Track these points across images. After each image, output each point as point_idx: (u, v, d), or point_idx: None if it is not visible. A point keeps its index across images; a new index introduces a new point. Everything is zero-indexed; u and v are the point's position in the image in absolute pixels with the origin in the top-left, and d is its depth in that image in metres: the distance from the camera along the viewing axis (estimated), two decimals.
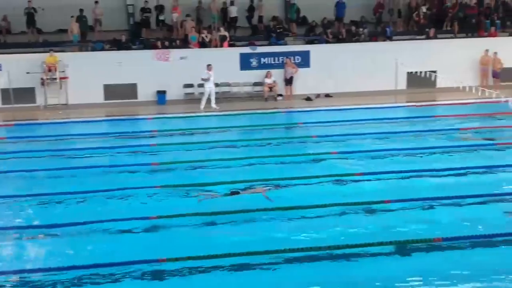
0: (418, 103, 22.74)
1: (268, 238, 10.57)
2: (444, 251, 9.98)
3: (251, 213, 11.59)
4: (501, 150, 16.01)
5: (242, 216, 11.54)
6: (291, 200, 12.26)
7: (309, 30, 26.88)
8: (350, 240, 10.13)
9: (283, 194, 12.79)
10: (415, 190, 12.68)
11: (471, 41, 26.16)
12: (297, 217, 11.54)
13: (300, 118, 20.80)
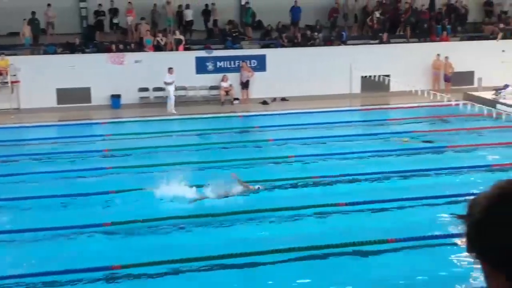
0: (371, 106, 23.05)
1: (224, 242, 10.55)
2: (398, 252, 10.13)
3: (204, 218, 11.56)
4: (452, 152, 16.35)
5: (200, 220, 11.51)
6: (247, 203, 12.27)
7: (264, 34, 26.97)
8: (304, 243, 10.17)
9: (239, 198, 12.78)
10: (367, 192, 12.83)
11: (423, 46, 26.66)
12: (253, 220, 11.56)
13: (256, 122, 20.84)
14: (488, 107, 20.01)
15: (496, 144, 16.84)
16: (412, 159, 15.62)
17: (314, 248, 10.03)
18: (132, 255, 9.95)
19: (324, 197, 12.61)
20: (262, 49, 25.96)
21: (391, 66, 24.74)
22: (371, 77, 23.61)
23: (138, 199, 12.69)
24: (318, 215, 11.88)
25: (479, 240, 1.35)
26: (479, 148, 16.57)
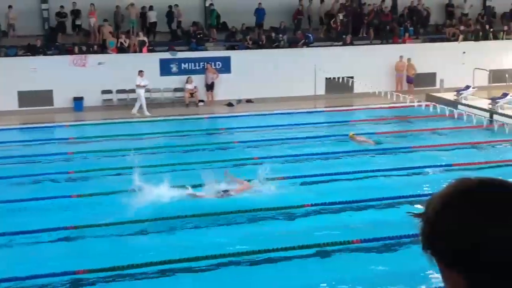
0: (336, 108, 23.22)
1: (193, 244, 10.49)
2: (361, 253, 10.22)
3: (174, 220, 11.48)
4: (415, 152, 16.56)
5: (164, 223, 11.42)
6: (214, 205, 12.22)
7: (229, 36, 26.95)
8: (271, 245, 10.17)
9: (207, 200, 12.72)
10: (332, 193, 12.91)
11: (386, 48, 26.97)
12: (219, 223, 11.53)
13: (222, 124, 20.80)
14: (450, 108, 20.34)
15: (458, 144, 17.14)
16: (375, 160, 15.78)
17: (280, 249, 10.04)
18: (96, 259, 9.81)
19: (289, 199, 12.64)
20: (227, 51, 25.94)
21: (355, 67, 24.96)
22: (335, 78, 23.78)
23: (101, 203, 12.53)
24: (284, 217, 11.92)
25: (433, 239, 1.35)
26: (441, 148, 16.83)
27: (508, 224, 1.28)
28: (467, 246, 1.29)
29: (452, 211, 1.33)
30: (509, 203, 1.31)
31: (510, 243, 1.27)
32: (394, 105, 22.14)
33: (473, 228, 1.29)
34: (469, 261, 1.30)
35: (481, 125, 19.10)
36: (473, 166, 15.00)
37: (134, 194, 12.65)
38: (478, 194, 1.33)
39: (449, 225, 1.32)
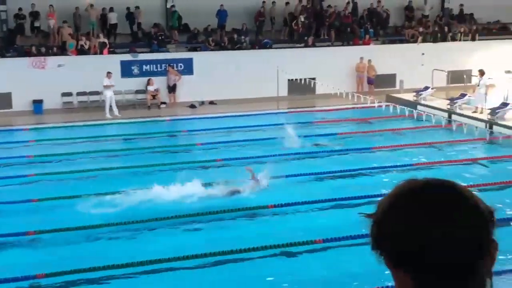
0: (298, 109, 23.36)
1: (158, 247, 10.44)
2: (325, 252, 10.31)
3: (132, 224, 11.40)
4: (376, 152, 16.77)
5: (126, 227, 11.33)
6: (175, 208, 12.17)
7: (191, 38, 26.87)
8: (235, 245, 10.19)
9: (167, 202, 12.65)
10: (295, 193, 12.99)
11: (347, 49, 27.25)
12: (183, 225, 11.49)
13: (184, 126, 20.71)
14: (410, 109, 20.65)
15: (417, 144, 17.42)
16: (338, 160, 15.92)
17: (244, 250, 10.06)
18: (56, 263, 9.67)
19: (253, 200, 12.67)
20: (189, 53, 25.86)
21: (316, 69, 25.16)
22: (298, 80, 23.92)
23: (63, 206, 12.37)
24: (248, 218, 11.95)
25: (381, 240, 1.37)
26: (401, 148, 17.09)
27: (452, 225, 1.31)
28: (413, 247, 1.31)
29: (398, 212, 1.36)
30: (454, 204, 1.34)
31: (454, 244, 1.30)
32: (355, 106, 22.38)
33: (419, 229, 1.31)
34: (416, 261, 1.32)
35: (440, 125, 19.44)
36: (432, 165, 15.28)
37: (97, 198, 12.52)
38: (424, 195, 1.35)
39: (395, 226, 1.34)
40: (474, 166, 15.54)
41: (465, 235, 1.31)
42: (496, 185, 13.62)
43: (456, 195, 1.36)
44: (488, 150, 17.29)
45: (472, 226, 1.32)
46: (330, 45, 27.74)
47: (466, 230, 1.31)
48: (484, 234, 1.33)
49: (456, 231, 1.31)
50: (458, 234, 1.31)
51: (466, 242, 1.31)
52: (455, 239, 1.30)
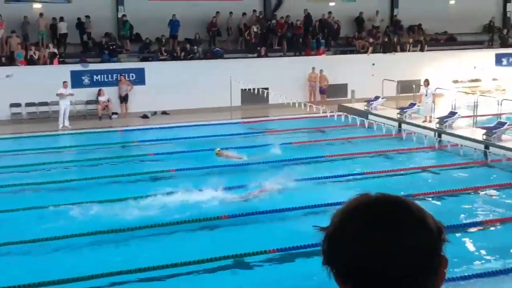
0: (252, 119, 23.41)
1: (110, 259, 10.26)
2: (279, 262, 10.32)
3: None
4: (329, 161, 16.93)
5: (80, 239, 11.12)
6: (129, 220, 12.01)
7: (143, 47, 26.66)
8: (189, 257, 10.10)
9: (122, 214, 12.49)
10: (247, 204, 13.00)
11: (300, 60, 27.50)
12: (132, 237, 11.35)
13: (136, 136, 20.49)
14: (361, 118, 20.93)
15: (369, 153, 17.67)
16: (292, 169, 15.96)
17: (199, 262, 9.99)
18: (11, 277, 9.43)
19: (206, 210, 12.61)
20: (141, 62, 25.66)
21: (269, 79, 25.29)
22: (251, 90, 23.99)
23: (11, 219, 12.06)
24: (202, 228, 11.88)
25: (331, 254, 1.38)
26: (353, 157, 17.30)
27: (399, 242, 1.32)
28: (360, 263, 1.32)
29: (347, 228, 1.36)
30: (402, 221, 1.34)
31: (402, 260, 1.31)
32: (308, 116, 22.56)
33: (366, 245, 1.32)
34: (363, 277, 1.32)
35: (390, 134, 19.77)
36: (383, 173, 15.50)
37: (48, 210, 12.27)
38: (373, 212, 1.36)
39: (344, 242, 1.35)
40: (424, 174, 15.84)
41: (412, 251, 1.32)
42: (445, 193, 13.91)
43: (404, 211, 1.37)
44: (437, 158, 17.65)
45: (419, 242, 1.33)
46: (283, 55, 27.95)
47: (413, 246, 1.32)
48: (432, 250, 1.35)
49: (404, 248, 1.31)
50: (406, 250, 1.31)
51: (413, 258, 1.32)
52: (403, 255, 1.31)
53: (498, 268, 9.87)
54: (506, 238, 11.46)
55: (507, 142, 17.29)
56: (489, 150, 17.15)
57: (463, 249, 10.84)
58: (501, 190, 14.30)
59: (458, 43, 31.45)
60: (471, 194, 14.00)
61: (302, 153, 17.64)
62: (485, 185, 14.57)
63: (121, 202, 13.14)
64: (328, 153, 17.69)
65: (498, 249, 10.88)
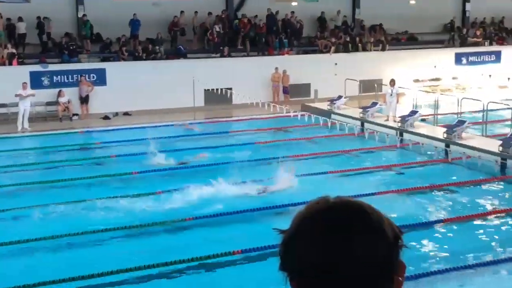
0: (215, 119, 23.33)
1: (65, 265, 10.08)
2: (245, 263, 10.28)
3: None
4: (293, 161, 16.94)
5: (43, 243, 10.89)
6: (89, 223, 11.83)
7: (104, 47, 26.31)
8: (152, 259, 9.98)
9: (82, 217, 12.30)
10: (210, 204, 12.91)
11: (263, 59, 27.50)
12: (95, 240, 11.18)
13: (98, 138, 20.20)
14: (324, 118, 21.03)
15: (332, 152, 17.76)
16: (254, 169, 15.90)
17: (163, 264, 9.89)
18: None
19: (169, 212, 12.49)
20: (102, 63, 25.33)
21: (233, 79, 25.22)
22: (214, 90, 23.88)
23: None
24: (166, 231, 11.77)
25: (286, 258, 1.34)
26: (316, 156, 17.35)
27: (352, 248, 1.29)
28: (314, 269, 1.29)
29: (302, 233, 1.33)
30: (357, 226, 1.32)
31: (356, 267, 1.28)
32: (271, 116, 22.57)
33: (319, 250, 1.29)
34: (315, 283, 1.29)
35: (353, 133, 19.91)
36: (346, 172, 15.58)
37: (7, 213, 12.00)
38: (329, 217, 1.33)
39: (299, 247, 1.32)
40: (386, 172, 15.98)
41: (365, 258, 1.29)
42: (407, 191, 14.06)
43: (360, 218, 1.34)
44: (399, 157, 17.83)
45: (373, 250, 1.30)
46: (246, 55, 27.91)
47: (366, 253, 1.29)
48: (386, 258, 1.32)
49: (357, 255, 1.29)
50: (359, 257, 1.29)
51: (366, 266, 1.29)
52: (356, 263, 1.28)
53: (459, 265, 9.98)
54: (465, 236, 11.63)
55: (467, 140, 17.56)
56: (450, 148, 17.41)
57: (423, 247, 10.97)
58: (462, 188, 14.52)
59: (418, 43, 31.88)
60: (432, 192, 14.17)
61: (265, 153, 17.62)
62: (445, 183, 14.77)
63: (83, 204, 12.95)
64: (291, 153, 17.69)
65: (458, 246, 11.03)
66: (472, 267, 9.94)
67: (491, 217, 12.59)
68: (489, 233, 11.83)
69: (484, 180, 15.12)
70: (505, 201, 13.84)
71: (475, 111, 21.21)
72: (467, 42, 31.67)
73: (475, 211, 12.89)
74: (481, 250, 10.79)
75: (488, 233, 11.83)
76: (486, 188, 14.71)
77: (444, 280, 9.56)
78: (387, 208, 12.44)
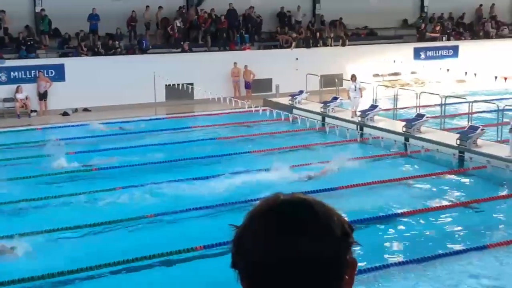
0: (176, 114, 23.21)
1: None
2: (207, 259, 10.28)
3: None
4: (255, 156, 16.98)
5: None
6: (46, 220, 11.66)
7: (62, 43, 25.89)
8: (115, 257, 9.91)
9: (37, 215, 12.12)
10: (172, 201, 12.87)
11: (224, 54, 27.43)
12: (53, 239, 11.04)
13: (57, 134, 19.87)
14: (286, 112, 21.12)
15: (294, 147, 17.86)
16: (216, 165, 15.90)
17: (125, 262, 9.83)
18: None
19: (131, 209, 12.39)
20: (61, 58, 24.94)
21: (194, 74, 25.11)
22: (175, 85, 23.74)
23: None
24: (127, 228, 11.67)
25: (237, 256, 1.35)
26: (278, 152, 17.42)
27: (298, 245, 1.30)
28: (261, 268, 1.30)
29: (251, 231, 1.34)
30: (303, 225, 1.32)
31: (303, 264, 1.30)
32: (233, 111, 22.56)
33: (268, 247, 1.30)
34: (263, 281, 1.30)
35: (314, 128, 20.04)
36: (308, 167, 15.67)
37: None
38: (277, 214, 1.34)
39: (248, 244, 1.32)
40: (347, 166, 16.09)
41: (312, 256, 1.30)
42: (367, 185, 14.22)
43: (309, 215, 1.35)
44: (359, 151, 18.02)
45: (320, 247, 1.31)
46: (207, 50, 27.81)
47: (313, 251, 1.30)
48: (334, 255, 1.33)
49: (304, 253, 1.30)
50: (306, 255, 1.30)
51: (313, 264, 1.30)
52: (303, 261, 1.29)
53: (416, 257, 10.15)
54: (424, 229, 11.84)
55: (426, 134, 17.87)
56: (409, 142, 17.68)
57: (382, 240, 11.14)
58: (420, 181, 14.75)
59: (378, 38, 32.22)
60: (391, 186, 14.36)
61: (227, 148, 17.63)
62: (404, 176, 14.99)
63: (40, 202, 12.77)
64: (253, 148, 17.73)
65: (416, 239, 11.22)
66: (430, 259, 10.12)
67: (449, 210, 12.84)
68: (447, 226, 12.08)
69: (442, 173, 15.40)
70: (463, 193, 14.13)
71: (434, 105, 21.58)
72: (425, 37, 32.15)
73: (434, 203, 13.14)
74: (439, 242, 11.00)
75: (446, 226, 12.07)
76: (444, 181, 14.99)
77: (402, 273, 9.72)
78: (347, 202, 12.61)
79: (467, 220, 12.39)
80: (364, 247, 10.77)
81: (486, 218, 12.39)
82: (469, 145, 16.19)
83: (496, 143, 16.88)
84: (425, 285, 9.44)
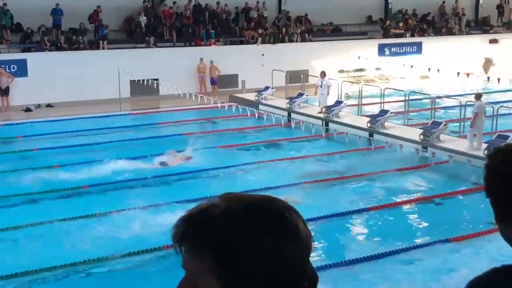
0: (141, 110, 23.02)
1: None
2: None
3: None
4: (220, 152, 16.95)
5: None
6: (11, 219, 11.49)
7: (24, 37, 25.43)
8: (71, 259, 9.79)
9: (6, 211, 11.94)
10: (140, 197, 12.76)
11: (189, 50, 27.27)
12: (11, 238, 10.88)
13: (19, 131, 19.54)
14: (252, 108, 21.12)
15: (259, 143, 17.88)
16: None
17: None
18: None
19: (93, 206, 12.26)
20: (23, 53, 24.49)
21: (159, 70, 24.93)
22: (140, 81, 23.54)
23: None
24: (80, 225, 11.51)
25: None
26: (244, 147, 17.42)
27: (263, 244, 1.24)
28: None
29: (212, 225, 1.28)
30: (271, 222, 1.27)
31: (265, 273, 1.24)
32: (199, 107, 22.47)
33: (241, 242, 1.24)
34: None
35: (280, 123, 20.09)
36: (273, 162, 15.72)
37: None
38: (245, 215, 1.27)
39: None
40: (312, 162, 16.20)
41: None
42: (331, 180, 14.32)
43: (279, 219, 1.28)
44: (324, 147, 18.12)
45: (288, 251, 1.26)
46: (172, 45, 27.62)
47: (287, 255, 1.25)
48: (298, 261, 1.27)
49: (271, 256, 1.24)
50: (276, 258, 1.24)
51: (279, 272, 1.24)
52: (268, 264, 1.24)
53: (381, 251, 10.26)
54: (387, 224, 11.97)
55: (390, 129, 18.07)
56: (373, 137, 17.84)
57: (345, 236, 11.24)
58: (384, 176, 14.89)
59: (343, 34, 32.42)
60: (355, 181, 14.47)
61: (192, 144, 17.54)
62: (368, 172, 15.11)
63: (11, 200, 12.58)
64: (218, 143, 17.70)
65: (380, 234, 11.34)
66: (393, 253, 10.23)
67: (413, 205, 13.02)
68: (411, 221, 12.24)
69: (406, 168, 15.57)
70: (426, 188, 14.33)
71: (397, 101, 21.82)
72: (390, 34, 32.47)
73: (397, 199, 13.29)
74: (403, 237, 11.14)
75: (410, 221, 12.24)
76: (407, 176, 15.17)
77: (364, 268, 9.80)
78: (311, 197, 12.69)
79: (430, 214, 12.58)
80: (328, 243, 10.89)
81: (448, 213, 12.59)
82: (432, 140, 16.43)
83: (458, 138, 17.16)
84: (391, 279, 9.54)
